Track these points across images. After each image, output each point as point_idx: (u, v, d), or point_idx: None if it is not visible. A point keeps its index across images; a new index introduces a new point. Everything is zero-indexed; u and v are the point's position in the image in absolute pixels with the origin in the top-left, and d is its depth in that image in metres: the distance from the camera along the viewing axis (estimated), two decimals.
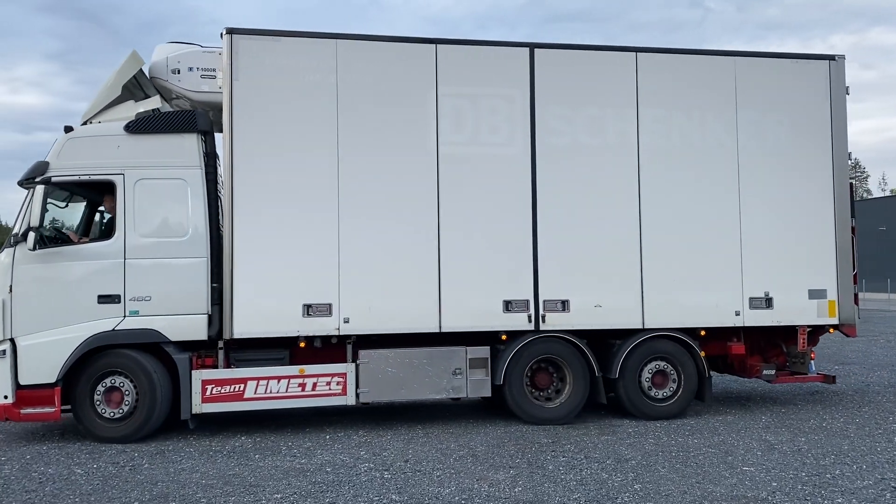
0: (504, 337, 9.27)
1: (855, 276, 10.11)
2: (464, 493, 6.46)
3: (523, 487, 6.62)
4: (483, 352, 9.22)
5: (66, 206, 9.31)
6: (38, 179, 8.47)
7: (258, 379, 8.71)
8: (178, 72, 9.03)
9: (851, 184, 10.18)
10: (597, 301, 9.38)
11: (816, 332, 10.25)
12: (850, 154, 10.15)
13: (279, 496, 6.42)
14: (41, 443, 8.49)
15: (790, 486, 6.60)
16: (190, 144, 8.78)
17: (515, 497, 6.35)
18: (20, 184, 8.61)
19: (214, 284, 8.71)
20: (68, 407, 8.56)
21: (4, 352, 8.32)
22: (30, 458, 7.86)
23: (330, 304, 8.81)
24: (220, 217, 8.97)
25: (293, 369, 8.81)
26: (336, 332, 8.84)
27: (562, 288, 9.33)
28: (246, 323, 8.66)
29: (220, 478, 7.03)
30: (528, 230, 9.27)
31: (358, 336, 8.99)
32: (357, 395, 8.90)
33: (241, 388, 8.68)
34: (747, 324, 9.74)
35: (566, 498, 6.31)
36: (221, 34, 8.81)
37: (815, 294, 9.87)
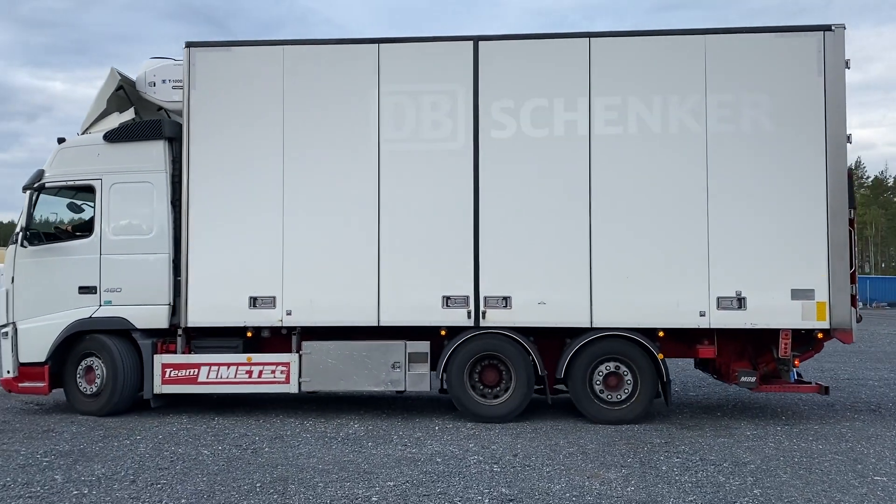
0: (443, 332, 9.29)
1: (853, 274, 8.95)
2: (574, 489, 6.37)
3: (636, 487, 6.47)
4: (423, 346, 9.30)
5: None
6: (35, 185, 9.78)
7: (210, 365, 9.46)
8: (154, 84, 9.96)
9: (850, 170, 8.99)
10: (541, 298, 9.10)
11: (816, 338, 9.17)
12: (848, 136, 8.96)
13: (392, 483, 6.57)
14: (171, 424, 9.14)
15: None
16: (157, 151, 9.67)
17: (628, 496, 6.22)
18: (23, 189, 9.94)
19: (178, 278, 9.54)
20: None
21: (7, 333, 9.75)
22: (161, 438, 8.46)
23: (274, 297, 9.34)
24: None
25: (242, 357, 9.45)
26: (279, 324, 9.35)
27: (504, 284, 9.16)
28: (198, 313, 9.43)
29: (335, 463, 7.29)
30: (469, 225, 9.20)
31: (304, 328, 9.44)
32: (300, 384, 9.37)
33: (196, 373, 9.47)
34: (714, 325, 8.97)
35: (681, 500, 6.13)
36: (184, 47, 9.61)
37: (800, 294, 8.86)
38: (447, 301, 9.19)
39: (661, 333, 9.09)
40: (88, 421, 9.28)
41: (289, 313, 9.33)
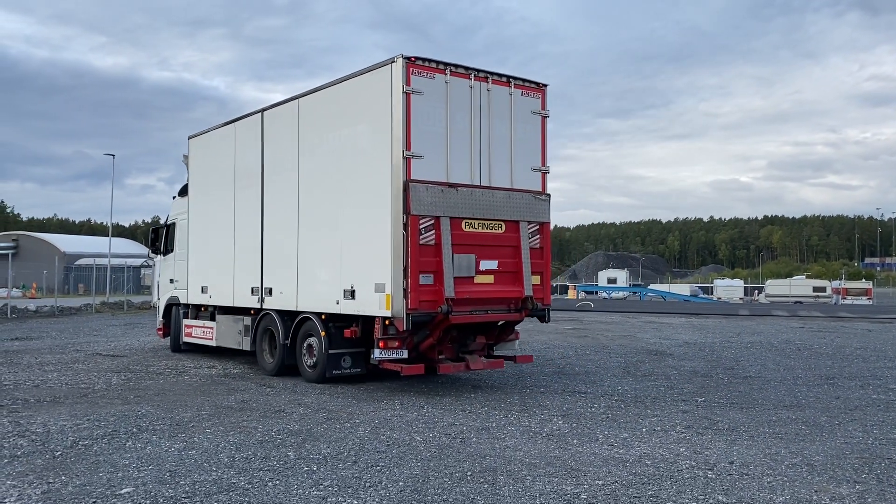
0: (252, 312, 13.75)
1: (407, 269, 10.17)
2: (800, 503, 5.99)
3: None
4: (248, 321, 13.92)
5: None
6: (163, 224, 17.76)
7: (194, 326, 15.89)
8: None
9: (407, 182, 10.21)
10: (280, 289, 12.84)
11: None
12: (403, 152, 10.22)
13: (600, 483, 6.45)
14: (385, 410, 9.95)
15: None
16: (186, 201, 16.49)
17: None
18: (157, 227, 17.92)
19: None
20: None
21: (156, 304, 17.99)
22: (377, 423, 9.02)
23: (207, 286, 15.24)
24: None
25: (201, 323, 15.59)
26: (209, 302, 15.19)
27: (270, 279, 13.20)
28: (190, 296, 15.98)
29: (541, 458, 7.30)
30: (258, 239, 13.48)
31: (219, 306, 15.00)
32: (216, 341, 15.02)
33: (191, 331, 16.03)
34: (343, 312, 11.38)
35: None
36: (187, 139, 16.27)
37: (379, 288, 10.62)
38: (252, 290, 13.67)
39: (322, 316, 11.84)
40: (313, 403, 10.41)
41: (210, 297, 15.11)
